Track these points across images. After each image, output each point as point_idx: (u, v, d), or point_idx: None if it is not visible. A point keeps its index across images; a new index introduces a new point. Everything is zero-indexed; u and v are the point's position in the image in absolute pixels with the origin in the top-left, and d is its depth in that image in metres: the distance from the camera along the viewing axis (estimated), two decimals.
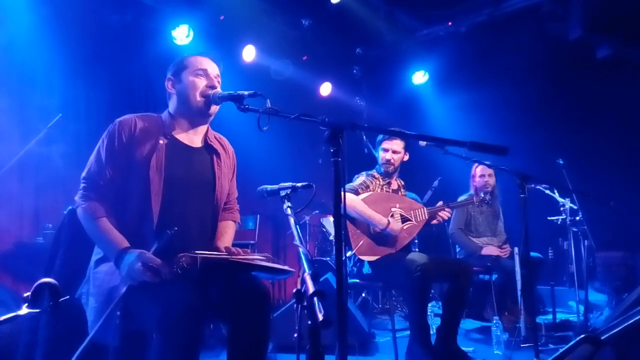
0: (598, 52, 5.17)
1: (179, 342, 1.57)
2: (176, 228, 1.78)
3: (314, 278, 1.18)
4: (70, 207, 2.14)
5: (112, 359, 1.86)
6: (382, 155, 3.35)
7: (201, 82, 1.96)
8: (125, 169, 1.86)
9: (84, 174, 1.88)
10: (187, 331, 1.58)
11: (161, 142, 1.92)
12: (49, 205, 4.13)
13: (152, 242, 1.75)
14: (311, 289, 1.15)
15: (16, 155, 3.23)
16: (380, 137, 3.38)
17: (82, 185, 1.87)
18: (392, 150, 3.32)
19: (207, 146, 2.08)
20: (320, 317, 1.08)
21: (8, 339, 2.23)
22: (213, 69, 2.01)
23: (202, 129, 2.07)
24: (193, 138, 2.04)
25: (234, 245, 2.06)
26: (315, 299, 1.13)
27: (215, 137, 2.14)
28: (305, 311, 1.14)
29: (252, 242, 4.76)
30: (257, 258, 1.85)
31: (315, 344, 1.12)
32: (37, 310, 1.17)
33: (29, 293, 1.19)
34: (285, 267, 1.88)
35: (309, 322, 1.12)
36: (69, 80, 4.41)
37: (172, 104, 2.03)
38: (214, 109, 1.98)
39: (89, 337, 1.53)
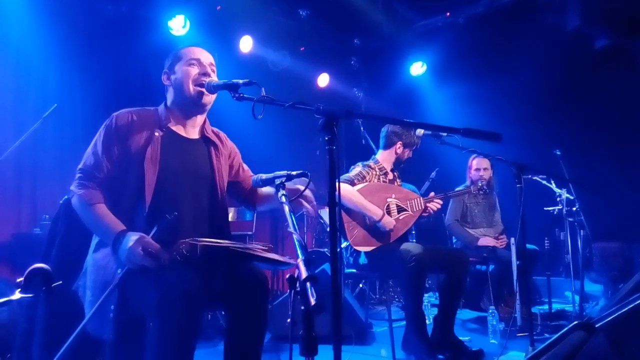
0: (596, 42, 5.16)
1: (176, 328, 1.57)
2: (176, 213, 1.77)
3: (307, 264, 1.18)
4: (65, 197, 2.13)
5: (108, 348, 1.87)
6: (408, 154, 3.45)
7: (194, 71, 1.96)
8: (121, 161, 1.87)
9: (80, 166, 1.88)
10: (184, 318, 1.58)
11: (157, 134, 1.92)
12: (46, 196, 4.13)
13: (143, 231, 1.74)
14: (304, 274, 1.15)
15: (12, 145, 3.22)
16: (412, 139, 3.40)
17: (77, 175, 1.86)
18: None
19: (204, 138, 2.07)
20: (313, 301, 1.08)
21: (5, 328, 2.24)
22: (206, 57, 2.01)
23: (199, 120, 2.06)
24: (189, 130, 2.04)
25: (233, 236, 2.04)
26: (307, 283, 1.13)
27: (213, 131, 2.14)
28: (299, 297, 1.14)
29: (249, 233, 4.75)
30: (258, 248, 1.84)
31: (308, 329, 1.12)
32: (30, 295, 1.17)
33: (21, 279, 1.19)
34: (286, 259, 1.86)
35: (302, 308, 1.12)
36: (64, 71, 4.39)
37: (169, 97, 2.04)
38: (209, 98, 1.98)
39: (80, 326, 1.53)
